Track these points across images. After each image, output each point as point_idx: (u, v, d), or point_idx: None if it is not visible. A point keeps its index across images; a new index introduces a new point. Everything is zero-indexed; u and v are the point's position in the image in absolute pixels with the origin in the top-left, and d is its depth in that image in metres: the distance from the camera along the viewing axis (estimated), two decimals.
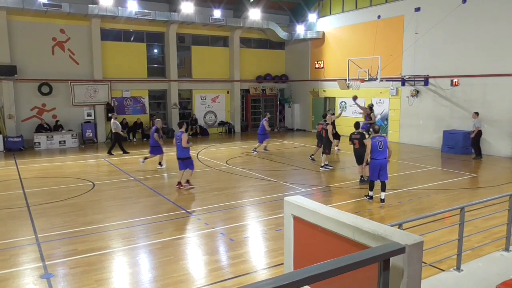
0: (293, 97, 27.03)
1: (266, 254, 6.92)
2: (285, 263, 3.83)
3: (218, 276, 5.98)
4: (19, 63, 18.89)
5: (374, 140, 9.45)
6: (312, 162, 14.80)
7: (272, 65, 26.82)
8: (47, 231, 7.87)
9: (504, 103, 15.86)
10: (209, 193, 10.78)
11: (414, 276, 2.52)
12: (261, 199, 10.20)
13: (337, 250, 3.05)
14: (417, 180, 12.16)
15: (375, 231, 2.69)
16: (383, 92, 20.60)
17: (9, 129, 18.90)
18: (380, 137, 9.55)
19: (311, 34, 24.33)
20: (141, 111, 22.64)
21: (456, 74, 17.27)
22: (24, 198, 10.38)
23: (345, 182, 12.01)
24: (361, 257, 1.99)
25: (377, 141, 9.38)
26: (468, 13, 16.65)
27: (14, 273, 6.09)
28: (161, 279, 5.91)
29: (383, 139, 9.47)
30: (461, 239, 5.22)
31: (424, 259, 4.57)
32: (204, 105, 24.85)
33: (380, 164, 9.42)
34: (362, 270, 2.09)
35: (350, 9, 22.54)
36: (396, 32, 19.63)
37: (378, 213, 9.04)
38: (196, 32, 23.77)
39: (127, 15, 19.79)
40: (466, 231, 5.59)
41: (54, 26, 19.78)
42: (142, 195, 10.74)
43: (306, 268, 1.81)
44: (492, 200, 6.17)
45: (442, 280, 5.16)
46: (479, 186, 11.47)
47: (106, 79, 21.12)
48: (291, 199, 3.63)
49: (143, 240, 7.49)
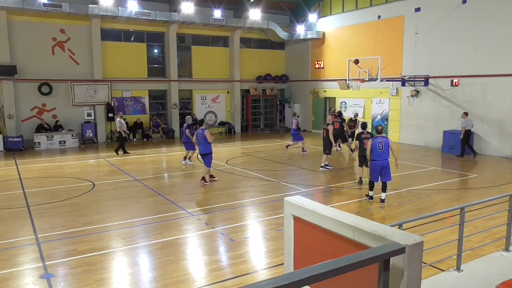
0: (293, 97, 27.03)
1: (266, 254, 6.92)
2: (285, 263, 3.84)
3: (218, 276, 5.98)
4: (19, 63, 18.90)
5: (374, 140, 9.31)
6: (315, 165, 14.72)
7: (272, 65, 26.82)
8: (47, 231, 7.87)
9: (504, 103, 15.85)
10: (210, 193, 10.78)
11: (414, 276, 2.52)
12: (261, 199, 10.20)
13: (337, 250, 3.05)
14: (417, 180, 12.16)
15: (375, 231, 2.69)
16: (383, 92, 20.60)
17: (9, 129, 18.90)
18: (382, 137, 9.39)
19: (311, 34, 24.33)
20: (141, 111, 22.64)
21: (456, 74, 17.27)
22: (24, 198, 10.39)
23: (345, 182, 12.01)
24: (361, 257, 1.99)
25: (377, 142, 9.24)
26: (468, 14, 16.65)
27: (14, 273, 6.09)
28: (161, 279, 5.91)
29: (384, 140, 9.30)
30: (461, 239, 5.22)
31: (424, 259, 4.57)
32: (204, 105, 24.85)
33: (381, 165, 9.29)
34: (362, 270, 2.09)
35: (350, 9, 22.54)
36: (396, 32, 19.63)
37: (378, 213, 9.04)
38: (196, 32, 23.77)
39: (127, 15, 19.79)
40: (466, 231, 5.59)
41: (54, 26, 19.79)
42: (143, 195, 10.74)
43: (306, 268, 1.81)
44: (492, 200, 6.17)
45: (442, 280, 5.16)
46: (479, 186, 11.47)
47: (106, 79, 21.12)
48: (291, 199, 3.63)
49: (143, 240, 7.49)
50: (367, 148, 9.49)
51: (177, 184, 12.23)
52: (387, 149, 9.27)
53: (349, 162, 15.66)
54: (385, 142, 9.27)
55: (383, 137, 9.45)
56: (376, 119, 21.27)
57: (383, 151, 9.23)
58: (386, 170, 9.37)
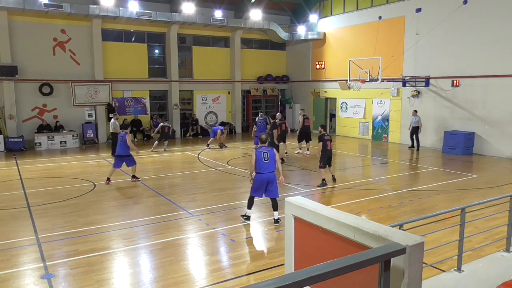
0: (294, 98, 27.04)
1: (267, 254, 6.93)
2: (286, 263, 3.84)
3: (219, 277, 5.98)
4: (20, 64, 18.91)
5: (259, 150, 8.28)
6: (315, 165, 14.72)
7: (273, 65, 26.83)
8: (48, 232, 7.87)
9: (505, 104, 15.84)
10: (210, 194, 10.78)
11: (415, 276, 2.52)
12: (262, 200, 10.18)
13: (338, 250, 3.05)
14: (418, 180, 12.15)
15: (376, 231, 2.69)
16: (384, 93, 20.59)
17: (10, 130, 18.92)
18: (266, 147, 8.36)
19: (312, 34, 24.33)
20: (142, 111, 22.66)
21: (457, 75, 17.26)
22: (25, 198, 10.39)
23: (346, 183, 12.00)
24: (362, 258, 1.99)
25: (262, 152, 8.22)
26: (469, 14, 16.64)
27: (14, 274, 6.09)
28: (162, 279, 5.91)
29: (269, 150, 8.31)
30: (461, 239, 5.21)
31: (425, 260, 4.56)
32: (205, 106, 24.86)
33: (267, 179, 8.23)
34: (363, 271, 2.10)
35: (351, 10, 22.54)
36: (397, 32, 19.63)
37: (379, 213, 9.03)
38: (197, 32, 23.79)
39: (128, 16, 19.79)
40: (467, 232, 5.58)
41: (55, 27, 19.81)
42: (143, 195, 10.74)
43: (307, 269, 1.82)
44: (493, 200, 6.16)
45: (442, 280, 5.16)
46: (480, 187, 11.46)
47: (107, 79, 21.14)
48: (292, 199, 3.63)
49: (144, 241, 7.49)
50: (252, 159, 8.30)
51: (178, 184, 12.23)
52: (273, 161, 8.27)
53: (345, 164, 15.62)
54: (270, 152, 8.29)
55: (267, 147, 8.40)
56: (377, 119, 21.28)
57: (269, 162, 8.21)
58: (273, 184, 8.29)
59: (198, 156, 16.60)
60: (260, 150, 8.28)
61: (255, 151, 8.31)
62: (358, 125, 22.50)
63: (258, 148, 8.37)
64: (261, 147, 8.38)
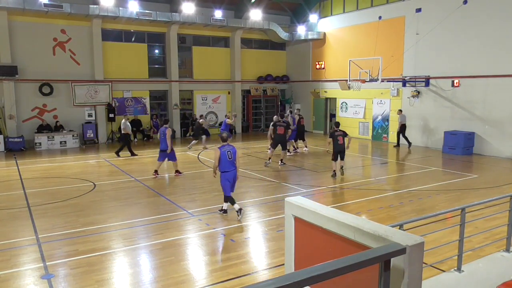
0: (294, 98, 27.03)
1: (267, 254, 6.93)
2: (286, 263, 3.83)
3: (219, 277, 5.98)
4: (20, 64, 18.91)
5: (222, 150, 8.48)
6: (316, 165, 14.76)
7: (273, 65, 26.82)
8: (48, 232, 7.87)
9: (505, 104, 15.84)
10: (210, 194, 10.77)
11: (415, 276, 2.52)
12: (262, 200, 10.20)
13: (338, 250, 3.05)
14: (418, 180, 12.15)
15: (376, 231, 2.69)
16: (384, 93, 20.59)
17: (10, 130, 18.92)
18: (229, 146, 8.59)
19: (312, 34, 24.33)
20: (142, 111, 22.66)
21: (457, 75, 17.26)
22: (25, 198, 10.40)
23: (346, 183, 12.01)
24: (362, 258, 1.99)
25: (226, 151, 8.45)
26: (469, 14, 16.64)
27: (14, 274, 6.09)
28: (162, 279, 5.91)
29: (231, 148, 8.54)
30: (462, 239, 5.21)
31: (425, 260, 4.56)
32: (205, 106, 24.86)
33: (233, 176, 8.59)
34: (363, 271, 2.09)
35: (351, 10, 22.54)
36: (397, 33, 19.63)
37: (379, 213, 9.03)
38: (197, 32, 23.78)
39: (128, 16, 19.79)
40: (467, 232, 5.58)
41: (55, 27, 19.81)
42: (143, 195, 10.75)
43: (307, 269, 1.82)
44: (493, 201, 6.16)
45: (442, 280, 5.16)
46: (480, 187, 11.46)
47: (107, 79, 21.14)
48: (292, 199, 3.63)
49: (144, 241, 7.49)
50: (216, 158, 8.53)
51: (178, 184, 12.23)
52: (235, 158, 8.56)
53: (345, 164, 15.64)
54: (232, 150, 8.53)
55: (229, 145, 8.63)
56: (377, 119, 21.28)
57: (232, 160, 8.50)
58: (235, 180, 8.73)
59: (198, 156, 16.59)
60: (224, 149, 8.48)
61: (219, 150, 8.50)
62: (358, 125, 22.50)
63: (222, 147, 8.55)
64: (224, 146, 8.57)
